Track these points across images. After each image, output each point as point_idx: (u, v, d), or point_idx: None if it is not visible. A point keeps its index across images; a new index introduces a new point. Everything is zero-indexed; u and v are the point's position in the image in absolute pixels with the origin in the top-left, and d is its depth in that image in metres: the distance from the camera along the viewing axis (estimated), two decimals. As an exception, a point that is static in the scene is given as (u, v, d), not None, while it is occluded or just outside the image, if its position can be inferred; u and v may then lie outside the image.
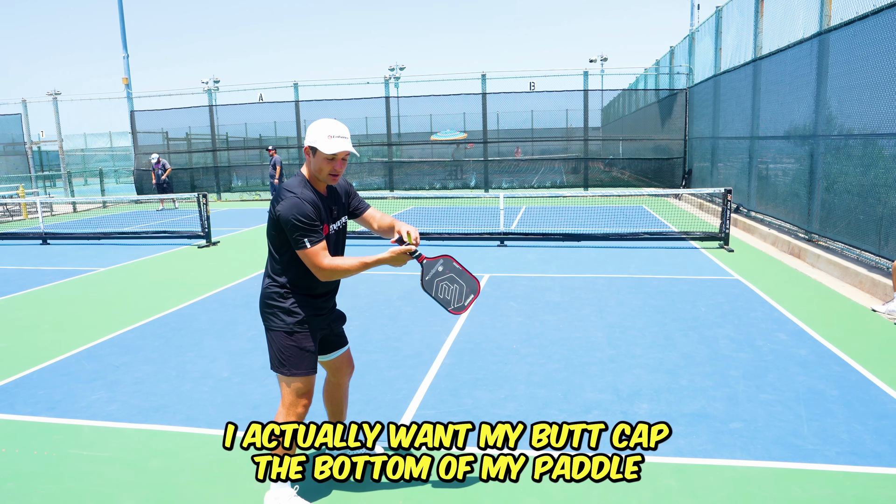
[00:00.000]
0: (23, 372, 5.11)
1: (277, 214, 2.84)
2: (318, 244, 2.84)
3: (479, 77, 20.31)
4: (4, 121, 21.58)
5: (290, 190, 2.87)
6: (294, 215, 2.79)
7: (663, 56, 22.89)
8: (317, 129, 2.88)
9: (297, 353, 2.97)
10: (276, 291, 2.98)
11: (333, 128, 2.88)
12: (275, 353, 2.99)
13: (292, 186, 2.89)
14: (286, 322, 2.96)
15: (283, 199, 2.84)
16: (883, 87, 7.42)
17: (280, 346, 2.97)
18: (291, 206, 2.81)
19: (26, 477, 3.48)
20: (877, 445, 3.57)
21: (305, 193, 2.87)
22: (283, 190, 2.88)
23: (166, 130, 23.55)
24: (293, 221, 2.80)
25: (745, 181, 12.87)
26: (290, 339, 2.96)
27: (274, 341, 2.99)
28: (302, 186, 2.90)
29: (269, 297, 3.00)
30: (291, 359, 2.96)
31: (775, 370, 4.73)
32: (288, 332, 2.96)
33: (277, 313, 2.97)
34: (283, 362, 2.97)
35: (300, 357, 2.97)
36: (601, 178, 21.92)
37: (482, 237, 11.17)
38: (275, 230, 2.92)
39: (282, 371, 2.98)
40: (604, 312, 6.42)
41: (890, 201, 7.25)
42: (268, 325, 3.02)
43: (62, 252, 11.34)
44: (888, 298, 6.48)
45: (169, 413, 4.24)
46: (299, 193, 2.85)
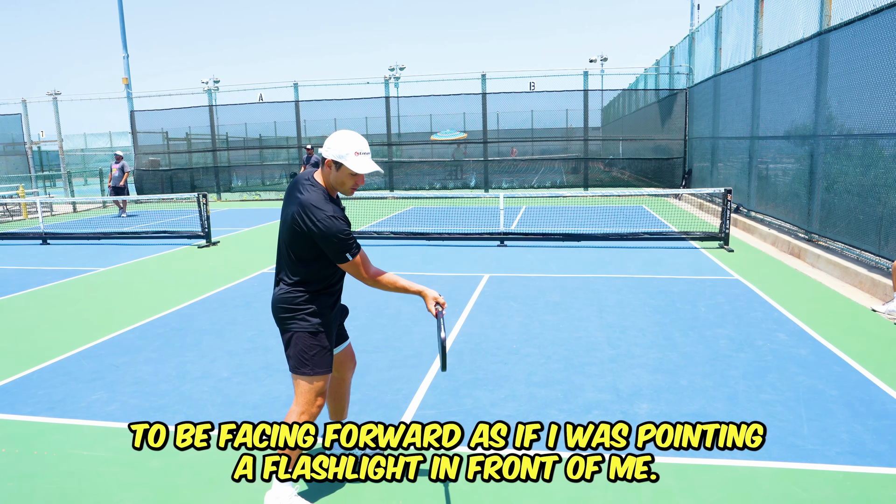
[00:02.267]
0: (23, 372, 5.11)
1: (313, 234, 2.85)
2: (358, 254, 2.93)
3: (479, 77, 20.31)
4: (4, 121, 21.58)
5: (319, 208, 2.87)
6: (333, 233, 2.84)
7: (663, 56, 22.89)
8: (343, 144, 2.87)
9: (321, 352, 3.00)
10: (298, 295, 2.98)
11: (360, 144, 2.90)
12: (297, 355, 2.99)
13: (320, 203, 2.88)
14: (311, 323, 2.98)
15: (317, 219, 2.84)
16: (883, 87, 7.42)
17: (304, 346, 2.98)
18: (329, 225, 2.84)
19: (26, 477, 3.47)
20: (877, 445, 3.57)
21: (335, 210, 2.91)
22: (313, 207, 2.86)
23: (166, 130, 23.55)
24: (332, 240, 2.85)
25: (745, 181, 12.87)
26: (314, 339, 2.99)
27: (297, 343, 2.99)
28: (328, 202, 2.92)
29: (289, 301, 2.99)
30: (316, 358, 2.99)
31: (775, 370, 4.73)
32: (313, 333, 2.99)
33: (302, 315, 2.98)
34: (306, 362, 2.98)
35: (323, 356, 3.01)
36: (601, 178, 21.92)
37: (482, 237, 11.17)
38: (303, 243, 2.92)
39: (305, 372, 2.98)
40: (604, 312, 6.42)
41: (890, 201, 7.25)
42: (287, 327, 3.02)
43: (62, 252, 11.34)
44: (888, 298, 6.48)
45: (169, 413, 4.24)
46: (331, 212, 2.87)
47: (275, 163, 24.18)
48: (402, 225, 13.49)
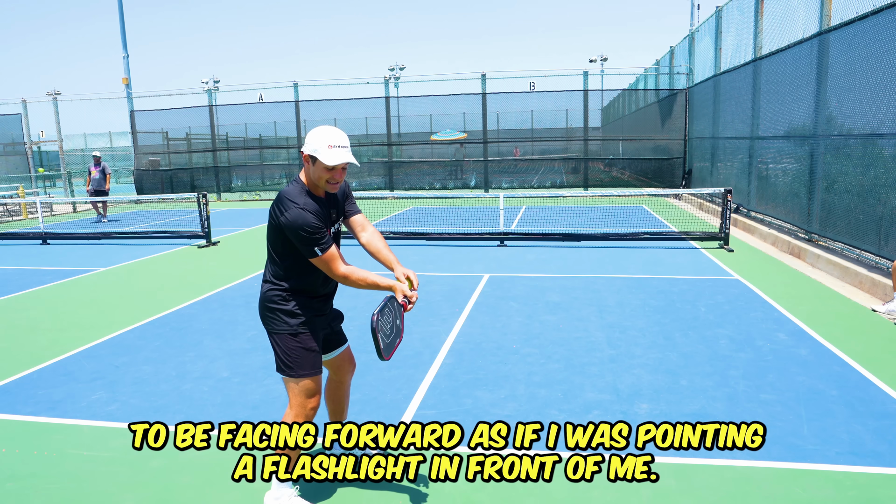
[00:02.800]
0: (23, 372, 5.11)
1: (282, 225, 2.85)
2: (328, 250, 2.88)
3: (479, 77, 20.31)
4: (4, 121, 21.57)
5: (291, 200, 2.86)
6: (300, 226, 2.81)
7: (663, 56, 22.89)
8: (317, 138, 2.86)
9: (303, 353, 2.98)
10: (277, 295, 2.98)
11: (334, 137, 2.86)
12: (280, 356, 2.99)
13: (293, 196, 2.88)
14: (290, 324, 2.97)
15: (286, 209, 2.84)
16: (883, 87, 7.42)
17: (285, 348, 2.97)
18: (296, 216, 2.81)
19: (26, 477, 3.47)
20: (877, 445, 3.57)
21: (308, 202, 2.87)
22: (285, 199, 2.87)
23: (166, 130, 23.55)
24: (300, 233, 2.82)
25: (745, 181, 12.87)
26: (294, 341, 2.98)
27: (279, 344, 2.99)
28: (303, 195, 2.90)
29: (270, 300, 3.00)
30: (298, 360, 2.97)
31: (775, 370, 4.73)
32: (292, 334, 2.98)
33: (280, 316, 2.98)
34: (289, 364, 2.97)
35: (306, 357, 2.99)
36: (601, 178, 21.91)
37: (482, 237, 11.17)
38: (276, 236, 2.93)
39: (289, 373, 2.98)
40: (604, 312, 6.42)
41: (890, 201, 7.25)
42: (270, 328, 3.02)
43: (62, 252, 11.34)
44: (888, 298, 6.48)
45: (169, 413, 4.24)
46: (301, 203, 2.85)
47: (275, 163, 24.19)
48: (402, 225, 13.49)
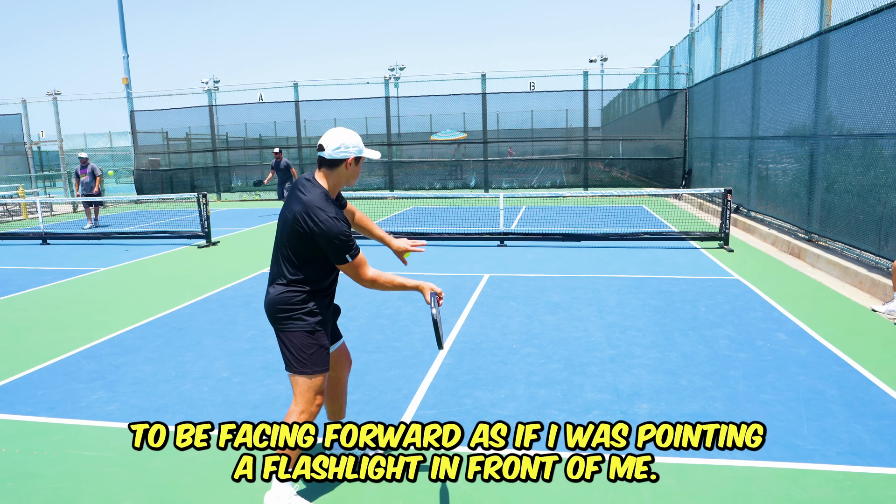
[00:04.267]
0: (23, 372, 5.11)
1: (314, 234, 2.89)
2: (358, 255, 2.96)
3: (478, 77, 20.32)
4: (4, 121, 21.57)
5: (321, 209, 2.90)
6: (335, 235, 2.88)
7: (663, 56, 22.90)
8: (353, 138, 3.01)
9: (318, 350, 3.01)
10: (295, 295, 2.99)
11: (357, 135, 3.06)
12: (294, 354, 2.99)
13: (321, 204, 2.92)
14: (308, 322, 3.00)
15: (319, 219, 2.87)
16: (883, 87, 7.42)
17: (301, 345, 2.98)
18: (331, 226, 2.88)
19: (26, 477, 3.47)
20: (877, 445, 3.57)
21: (337, 211, 2.95)
22: (315, 208, 2.90)
23: (166, 130, 23.56)
24: (334, 241, 2.88)
25: (745, 181, 12.87)
26: (311, 338, 3.00)
27: (293, 342, 3.00)
28: (328, 202, 2.95)
29: (287, 301, 3.00)
30: (313, 357, 3.00)
31: (775, 370, 4.73)
32: (310, 332, 3.00)
33: (299, 315, 2.99)
34: (304, 361, 2.98)
35: (320, 354, 3.02)
36: (601, 178, 21.91)
37: (482, 237, 11.18)
38: (305, 244, 2.94)
39: (304, 371, 2.99)
40: (604, 312, 6.42)
41: (890, 201, 7.25)
42: (283, 327, 3.02)
43: (62, 252, 11.34)
44: (888, 298, 6.48)
45: (169, 413, 4.24)
46: (333, 213, 2.91)
47: (274, 163, 24.17)
48: (402, 225, 13.49)
